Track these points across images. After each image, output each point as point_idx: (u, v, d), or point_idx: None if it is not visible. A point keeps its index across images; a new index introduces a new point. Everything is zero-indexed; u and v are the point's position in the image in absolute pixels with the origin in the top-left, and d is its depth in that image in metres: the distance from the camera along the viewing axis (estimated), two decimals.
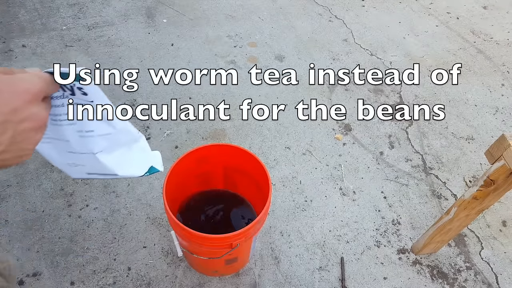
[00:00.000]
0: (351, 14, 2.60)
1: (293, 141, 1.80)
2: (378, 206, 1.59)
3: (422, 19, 2.62)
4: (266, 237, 1.46)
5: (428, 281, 1.38)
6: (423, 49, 2.38)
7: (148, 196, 1.54)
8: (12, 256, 1.35)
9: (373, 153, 1.79)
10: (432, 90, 2.12)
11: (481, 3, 2.81)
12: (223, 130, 1.81)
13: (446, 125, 1.94)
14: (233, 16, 2.46)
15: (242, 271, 1.37)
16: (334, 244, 1.46)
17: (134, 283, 1.32)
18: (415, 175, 1.71)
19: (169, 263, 1.37)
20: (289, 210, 1.55)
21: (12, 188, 1.53)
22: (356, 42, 2.38)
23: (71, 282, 1.31)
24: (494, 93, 2.13)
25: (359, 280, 1.37)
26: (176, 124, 1.82)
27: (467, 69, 2.26)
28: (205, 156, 1.23)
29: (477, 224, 1.56)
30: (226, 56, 2.20)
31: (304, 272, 1.38)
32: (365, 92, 2.07)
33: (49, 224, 1.44)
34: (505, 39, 2.50)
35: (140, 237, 1.43)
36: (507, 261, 1.46)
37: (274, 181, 1.64)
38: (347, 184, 1.66)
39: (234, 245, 1.07)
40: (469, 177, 1.73)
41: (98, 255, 1.37)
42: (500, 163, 0.98)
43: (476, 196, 1.11)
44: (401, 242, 1.49)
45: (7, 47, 2.12)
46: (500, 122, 1.98)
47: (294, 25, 2.46)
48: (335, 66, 2.20)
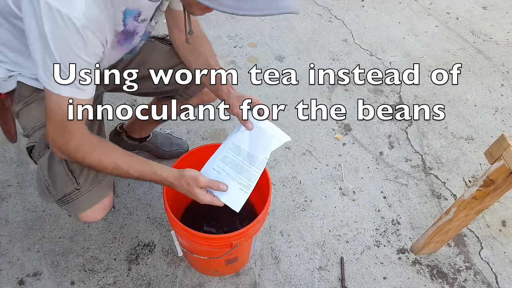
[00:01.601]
0: (351, 14, 2.60)
1: (293, 141, 1.80)
2: (378, 206, 1.59)
3: (421, 19, 2.62)
4: (266, 237, 1.46)
5: (427, 281, 1.39)
6: (423, 49, 2.38)
7: (148, 196, 1.54)
8: (13, 255, 1.35)
9: (372, 153, 1.79)
10: (431, 90, 2.12)
11: (480, 3, 2.81)
12: (223, 130, 1.81)
13: (446, 125, 1.95)
14: (233, 17, 2.47)
15: (242, 271, 1.37)
16: (334, 244, 1.47)
17: (134, 283, 1.32)
18: (414, 175, 1.72)
19: (169, 263, 1.37)
20: (289, 210, 1.55)
21: (12, 188, 1.53)
22: (356, 43, 2.38)
23: (72, 282, 1.31)
24: (493, 93, 2.13)
25: (358, 280, 1.38)
26: (176, 124, 1.82)
27: (467, 69, 2.27)
28: (205, 156, 1.23)
29: (476, 224, 1.56)
30: (226, 56, 2.20)
31: (304, 272, 1.38)
32: (365, 92, 2.07)
33: (49, 224, 1.44)
34: (505, 39, 2.50)
35: (140, 237, 1.43)
36: (506, 261, 1.46)
37: (274, 181, 1.64)
38: (347, 184, 1.66)
39: (234, 245, 1.07)
40: (469, 177, 1.73)
41: (98, 255, 1.37)
42: (500, 163, 0.98)
43: (476, 196, 1.11)
44: (400, 242, 1.49)
45: None
46: (500, 122, 1.98)
47: (294, 26, 2.46)
48: (335, 66, 2.20)
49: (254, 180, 0.97)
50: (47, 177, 0.98)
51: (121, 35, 0.88)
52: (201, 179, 0.91)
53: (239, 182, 0.97)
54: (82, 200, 0.98)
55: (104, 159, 0.88)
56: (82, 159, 0.88)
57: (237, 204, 0.95)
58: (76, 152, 0.87)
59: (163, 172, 0.92)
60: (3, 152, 1.64)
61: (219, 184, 0.94)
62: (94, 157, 0.88)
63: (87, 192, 0.98)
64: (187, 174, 0.91)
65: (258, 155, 0.99)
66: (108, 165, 0.89)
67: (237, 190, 0.96)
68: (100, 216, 1.04)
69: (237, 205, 0.95)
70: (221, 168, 1.00)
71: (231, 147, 1.02)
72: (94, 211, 1.02)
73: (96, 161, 0.88)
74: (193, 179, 0.90)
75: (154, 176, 0.92)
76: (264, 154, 0.99)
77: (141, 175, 0.92)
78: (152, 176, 0.92)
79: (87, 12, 0.70)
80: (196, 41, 1.10)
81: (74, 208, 0.99)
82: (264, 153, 0.99)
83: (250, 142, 1.02)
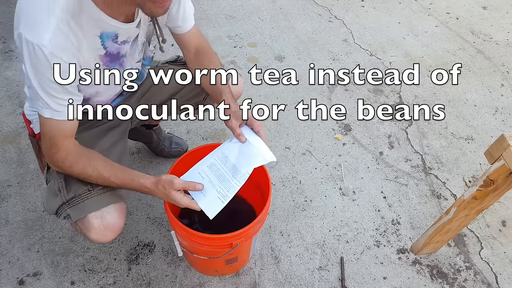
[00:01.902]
0: (351, 14, 2.60)
1: (293, 141, 1.81)
2: (378, 206, 1.59)
3: (421, 19, 2.62)
4: (266, 237, 1.46)
5: (427, 281, 1.39)
6: (423, 49, 2.38)
7: (148, 196, 1.54)
8: (13, 255, 1.35)
9: (372, 153, 1.79)
10: (431, 90, 2.12)
11: (480, 3, 2.81)
12: (223, 130, 1.81)
13: (446, 125, 1.95)
14: (233, 17, 2.47)
15: (242, 271, 1.37)
16: (334, 244, 1.47)
17: (134, 282, 1.32)
18: (414, 175, 1.72)
19: (169, 263, 1.37)
20: (289, 210, 1.55)
21: (12, 188, 1.53)
22: (356, 43, 2.38)
23: (72, 282, 1.31)
24: (493, 93, 2.13)
25: (358, 280, 1.38)
26: (176, 124, 1.82)
27: (467, 69, 2.27)
28: (204, 156, 1.23)
29: (476, 224, 1.56)
30: (226, 57, 2.20)
31: (304, 272, 1.38)
32: (365, 92, 2.07)
33: (49, 224, 1.44)
34: (505, 39, 2.50)
35: (140, 237, 1.43)
36: (506, 261, 1.46)
37: (274, 181, 1.64)
38: (347, 184, 1.66)
39: (234, 245, 1.07)
40: (469, 177, 1.73)
41: (98, 255, 1.38)
42: (500, 163, 0.98)
43: (476, 196, 1.11)
44: (400, 242, 1.49)
45: (7, 47, 2.12)
46: (500, 122, 1.98)
47: (294, 26, 2.46)
48: (335, 66, 2.21)
49: (232, 192, 0.99)
50: (62, 178, 1.01)
51: (106, 57, 0.94)
52: (176, 182, 0.94)
53: (219, 190, 0.99)
54: (92, 201, 0.99)
55: (88, 167, 0.95)
56: (69, 168, 0.95)
57: (212, 211, 0.97)
58: (64, 162, 0.94)
59: (140, 179, 0.96)
60: (3, 152, 1.64)
61: (194, 184, 0.97)
62: (79, 166, 0.94)
63: (98, 195, 1.00)
64: (163, 178, 0.95)
65: (242, 168, 1.01)
66: (92, 172, 0.95)
67: (215, 198, 0.98)
68: (110, 236, 1.03)
69: (212, 212, 0.97)
70: (206, 174, 1.03)
71: (220, 156, 1.05)
72: (105, 227, 1.01)
73: (80, 169, 0.94)
74: (169, 182, 0.94)
75: (133, 183, 0.96)
76: (247, 168, 1.01)
77: (122, 183, 0.96)
78: (131, 183, 0.96)
79: (53, 40, 0.77)
80: (204, 59, 1.16)
81: (82, 208, 0.99)
82: (247, 168, 1.01)
83: (238, 155, 1.04)
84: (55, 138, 0.91)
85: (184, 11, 1.08)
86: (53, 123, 0.89)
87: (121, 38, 0.93)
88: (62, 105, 0.88)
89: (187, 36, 1.15)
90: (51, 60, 0.79)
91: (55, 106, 0.86)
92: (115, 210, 1.02)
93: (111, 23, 0.86)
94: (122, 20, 0.89)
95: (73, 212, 0.98)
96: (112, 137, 1.15)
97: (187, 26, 1.12)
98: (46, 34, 0.77)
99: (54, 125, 0.90)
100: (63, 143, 0.93)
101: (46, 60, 0.78)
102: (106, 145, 1.12)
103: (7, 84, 1.93)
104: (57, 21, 0.77)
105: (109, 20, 0.85)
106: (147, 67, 1.18)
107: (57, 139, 0.92)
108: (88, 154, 0.97)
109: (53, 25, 0.77)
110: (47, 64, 0.79)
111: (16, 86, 1.92)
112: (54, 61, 0.79)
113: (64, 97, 0.87)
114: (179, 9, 1.06)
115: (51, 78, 0.81)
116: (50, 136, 0.92)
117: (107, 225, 1.00)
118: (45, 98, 0.84)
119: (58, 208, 1.00)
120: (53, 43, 0.77)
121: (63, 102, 0.87)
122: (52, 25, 0.77)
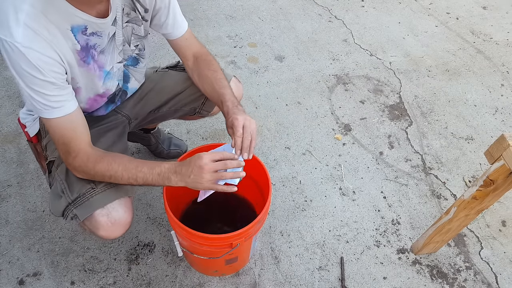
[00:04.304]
0: (351, 14, 2.60)
1: (293, 141, 1.81)
2: (378, 206, 1.59)
3: (421, 19, 2.62)
4: (266, 237, 1.46)
5: (427, 281, 1.39)
6: (423, 49, 2.38)
7: (148, 196, 1.54)
8: (13, 255, 1.35)
9: (372, 153, 1.79)
10: (431, 90, 2.12)
11: (480, 3, 2.81)
12: (223, 130, 1.81)
13: (446, 125, 1.95)
14: (233, 17, 2.47)
15: (242, 271, 1.37)
16: (334, 244, 1.47)
17: (134, 282, 1.32)
18: (414, 175, 1.72)
19: (169, 263, 1.37)
20: (289, 210, 1.55)
21: (12, 188, 1.53)
22: (355, 43, 2.38)
23: (72, 282, 1.31)
24: (493, 93, 2.13)
25: (358, 280, 1.38)
26: (176, 124, 1.82)
27: (467, 69, 2.27)
28: None
29: (476, 224, 1.57)
30: (226, 57, 2.20)
31: (304, 272, 1.38)
32: (365, 92, 2.07)
33: (49, 224, 1.44)
34: (505, 39, 2.50)
35: (140, 237, 1.43)
36: (506, 261, 1.46)
37: (274, 181, 1.64)
38: (347, 184, 1.66)
39: (234, 245, 1.07)
40: (469, 177, 1.73)
41: (98, 255, 1.38)
42: (500, 163, 0.98)
43: (476, 196, 1.11)
44: (400, 242, 1.49)
45: None
46: (500, 122, 1.98)
47: (294, 26, 2.46)
48: (335, 66, 2.21)
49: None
50: (64, 180, 1.01)
51: (82, 52, 0.93)
52: (205, 156, 0.92)
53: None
54: (97, 198, 0.98)
55: (113, 163, 0.93)
56: (93, 169, 0.94)
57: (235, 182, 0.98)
58: (87, 164, 0.93)
59: (166, 164, 0.94)
60: (3, 152, 1.64)
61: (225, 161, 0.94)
62: (103, 163, 0.93)
63: (102, 192, 0.99)
64: (194, 157, 0.93)
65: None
66: (118, 166, 0.93)
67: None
68: (120, 231, 1.03)
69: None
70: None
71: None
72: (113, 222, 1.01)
73: (105, 166, 0.93)
74: (200, 159, 0.91)
75: (160, 168, 0.93)
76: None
77: (149, 171, 0.94)
78: (160, 166, 0.94)
79: (25, 35, 0.77)
80: (203, 65, 1.16)
81: (88, 206, 0.98)
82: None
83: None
84: (68, 140, 0.90)
85: (174, 18, 1.09)
86: (59, 122, 0.88)
87: (90, 30, 0.91)
88: (57, 101, 0.86)
89: (181, 43, 1.15)
90: (28, 54, 0.78)
91: (51, 103, 0.85)
92: (121, 205, 1.02)
93: (80, 16, 0.85)
94: (94, 14, 0.88)
95: (80, 212, 0.98)
96: (111, 137, 1.15)
97: (179, 31, 1.12)
98: (17, 30, 0.77)
99: (61, 124, 0.88)
100: (79, 145, 0.92)
101: (23, 55, 0.78)
102: (106, 145, 1.12)
103: (7, 84, 1.93)
104: (25, 16, 0.77)
105: (78, 13, 0.85)
106: (131, 68, 1.16)
107: (71, 140, 0.90)
108: (110, 153, 0.97)
109: (21, 21, 0.77)
110: (25, 60, 0.78)
111: (16, 86, 1.92)
112: (32, 55, 0.78)
113: (55, 93, 0.85)
114: (168, 16, 1.07)
115: (33, 74, 0.81)
116: (63, 141, 0.90)
117: (114, 221, 1.00)
118: (36, 97, 0.83)
119: (64, 210, 1.00)
120: (25, 38, 0.77)
121: (56, 98, 0.86)
122: (20, 21, 0.77)
